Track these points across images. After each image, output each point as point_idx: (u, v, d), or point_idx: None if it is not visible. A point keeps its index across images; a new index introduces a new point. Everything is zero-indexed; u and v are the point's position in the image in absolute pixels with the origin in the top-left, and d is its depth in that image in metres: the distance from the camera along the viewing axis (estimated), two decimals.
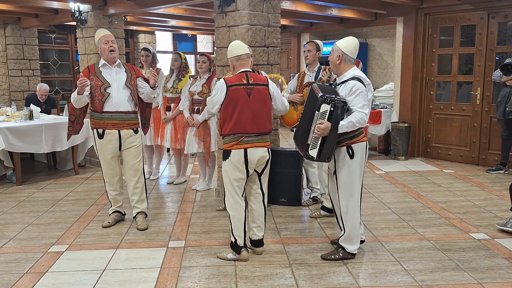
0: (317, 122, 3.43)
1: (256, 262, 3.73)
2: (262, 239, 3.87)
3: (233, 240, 3.74)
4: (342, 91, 3.55)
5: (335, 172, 3.69)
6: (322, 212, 4.85)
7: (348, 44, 3.60)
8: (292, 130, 5.27)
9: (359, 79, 3.51)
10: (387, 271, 3.56)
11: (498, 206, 5.18)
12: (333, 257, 3.75)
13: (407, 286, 3.32)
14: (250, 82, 3.64)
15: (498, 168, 6.76)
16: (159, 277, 3.48)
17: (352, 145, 3.56)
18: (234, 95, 3.59)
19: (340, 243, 3.75)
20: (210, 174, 6.01)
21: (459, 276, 3.47)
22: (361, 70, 4.23)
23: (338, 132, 3.43)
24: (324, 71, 4.86)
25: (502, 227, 4.37)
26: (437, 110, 7.76)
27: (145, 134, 4.98)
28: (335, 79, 3.97)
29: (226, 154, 3.64)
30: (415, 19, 7.64)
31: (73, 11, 7.13)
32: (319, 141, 3.48)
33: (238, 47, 3.71)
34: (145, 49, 6.28)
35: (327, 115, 3.41)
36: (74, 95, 4.35)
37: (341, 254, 3.73)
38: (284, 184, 5.18)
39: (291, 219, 4.81)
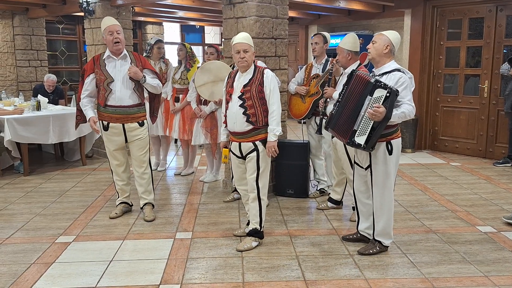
0: (374, 106, 3.30)
1: (263, 253, 3.75)
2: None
3: (259, 226, 3.85)
4: (386, 82, 3.41)
5: (368, 167, 3.63)
6: (329, 204, 4.86)
7: (396, 37, 3.53)
8: (300, 122, 5.28)
9: (403, 71, 3.46)
10: (394, 264, 3.56)
11: (505, 199, 5.17)
12: (371, 251, 3.72)
13: (413, 278, 3.33)
14: None
15: (505, 161, 6.74)
16: (166, 268, 3.51)
17: (391, 141, 3.51)
18: None
19: (376, 238, 3.73)
20: (217, 165, 6.03)
21: (466, 269, 3.47)
22: (368, 63, 4.22)
23: (391, 120, 3.34)
24: (332, 63, 4.84)
25: (508, 220, 4.36)
26: (445, 103, 7.73)
27: (153, 123, 4.97)
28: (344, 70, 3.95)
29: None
30: (423, 12, 7.59)
31: (81, 1, 7.13)
32: (370, 127, 3.36)
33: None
34: (160, 41, 6.28)
35: (382, 100, 3.31)
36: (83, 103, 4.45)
37: (378, 248, 3.72)
38: (291, 176, 5.19)
39: (298, 211, 4.83)
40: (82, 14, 7.47)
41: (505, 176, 6.17)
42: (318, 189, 5.37)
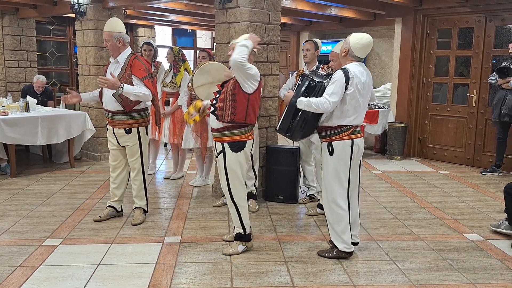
0: None
1: (251, 259, 3.74)
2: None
3: (242, 231, 3.81)
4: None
5: None
6: (318, 210, 4.86)
7: (359, 42, 3.55)
8: None
9: (344, 70, 3.51)
10: (382, 270, 3.58)
11: (492, 208, 5.22)
12: (326, 254, 3.79)
13: (401, 285, 3.35)
14: None
15: (492, 170, 6.81)
16: (154, 273, 3.48)
17: (332, 142, 3.59)
18: (259, 88, 3.75)
19: (331, 239, 3.79)
20: (207, 169, 6.02)
21: (453, 276, 3.50)
22: None
23: (297, 106, 3.56)
24: (323, 70, 4.86)
25: (495, 229, 4.41)
26: (434, 111, 7.80)
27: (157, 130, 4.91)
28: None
29: (241, 145, 3.66)
30: (414, 21, 7.67)
31: (72, 3, 7.08)
32: (284, 113, 3.68)
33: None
34: (148, 43, 6.25)
35: (296, 87, 3.69)
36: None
37: (334, 253, 3.76)
38: (281, 181, 5.19)
39: (288, 217, 4.83)
40: (73, 15, 7.43)
41: (492, 185, 6.23)
42: (307, 194, 5.38)
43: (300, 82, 3.63)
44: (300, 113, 3.60)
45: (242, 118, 3.61)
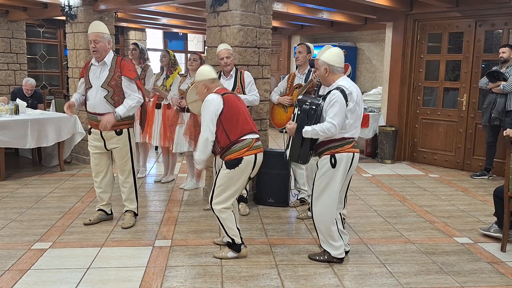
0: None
1: (242, 262, 3.74)
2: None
3: (230, 240, 3.76)
4: (326, 101, 3.57)
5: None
6: (309, 214, 4.84)
7: (333, 54, 3.62)
8: (281, 131, 5.30)
9: (340, 89, 3.52)
10: (372, 273, 3.59)
11: (482, 211, 5.26)
12: (317, 258, 3.79)
13: None
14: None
15: (482, 174, 6.86)
16: (144, 276, 3.47)
17: (335, 154, 3.55)
18: (231, 101, 3.65)
19: (322, 246, 3.77)
20: (198, 173, 6.00)
21: (443, 280, 3.51)
22: (349, 74, 4.30)
23: (303, 136, 3.54)
24: (315, 73, 4.88)
25: (485, 232, 4.43)
26: (424, 115, 7.85)
27: (141, 132, 4.88)
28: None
29: (236, 163, 3.57)
30: (404, 25, 7.72)
31: (63, 5, 7.05)
32: (290, 142, 3.69)
33: (210, 72, 3.78)
34: (135, 43, 6.26)
35: (295, 117, 3.63)
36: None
37: (326, 257, 3.76)
38: (272, 185, 5.19)
39: (278, 220, 4.83)
40: (63, 18, 7.40)
41: (482, 188, 6.27)
42: (298, 198, 5.38)
43: (299, 112, 3.57)
44: (306, 141, 3.59)
45: (226, 140, 3.60)
